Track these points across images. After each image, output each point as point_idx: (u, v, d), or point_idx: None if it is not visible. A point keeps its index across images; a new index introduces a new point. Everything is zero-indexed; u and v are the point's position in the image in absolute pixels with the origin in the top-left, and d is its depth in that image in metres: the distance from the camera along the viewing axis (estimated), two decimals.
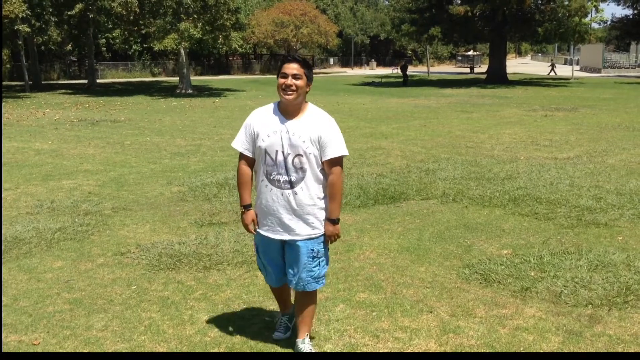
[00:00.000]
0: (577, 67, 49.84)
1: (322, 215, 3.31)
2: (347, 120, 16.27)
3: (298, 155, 3.19)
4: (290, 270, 3.37)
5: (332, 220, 3.30)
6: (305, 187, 3.22)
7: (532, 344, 3.60)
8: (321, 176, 3.27)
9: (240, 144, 3.35)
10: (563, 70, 51.04)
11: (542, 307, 4.11)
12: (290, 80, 3.15)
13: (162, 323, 3.96)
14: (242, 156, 3.38)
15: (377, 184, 7.93)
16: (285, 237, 3.30)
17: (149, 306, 4.23)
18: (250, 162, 3.37)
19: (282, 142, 3.18)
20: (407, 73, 37.61)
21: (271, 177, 3.24)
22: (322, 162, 3.24)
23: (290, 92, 3.16)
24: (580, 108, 19.19)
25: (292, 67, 3.18)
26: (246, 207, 3.39)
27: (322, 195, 3.29)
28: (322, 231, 3.32)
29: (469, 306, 4.14)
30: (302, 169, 3.20)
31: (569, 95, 25.42)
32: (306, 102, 3.28)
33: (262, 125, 3.25)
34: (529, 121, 15.74)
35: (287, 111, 3.23)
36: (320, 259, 3.36)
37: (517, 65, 64.50)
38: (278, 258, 3.42)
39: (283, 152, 3.19)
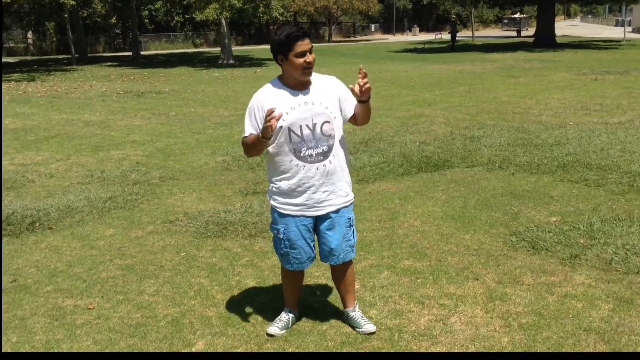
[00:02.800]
0: (629, 29, 47.77)
1: (350, 180, 3.32)
2: (389, 88, 16.08)
3: (325, 122, 3.13)
4: (332, 246, 3.30)
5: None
6: (336, 154, 3.20)
7: (581, 311, 3.55)
8: (344, 141, 3.27)
9: (254, 130, 3.12)
10: (614, 32, 49.06)
11: (592, 274, 4.03)
12: (310, 57, 3.03)
13: (211, 288, 4.06)
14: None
15: (421, 152, 7.85)
16: (321, 212, 3.23)
17: (198, 272, 4.34)
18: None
19: (305, 115, 3.10)
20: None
21: (301, 154, 3.13)
22: (349, 119, 3.25)
23: (311, 70, 3.08)
24: (632, 71, 18.46)
25: (307, 43, 3.03)
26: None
27: (347, 159, 3.30)
28: (352, 197, 3.34)
29: (516, 273, 4.09)
30: (330, 136, 3.16)
31: (621, 58, 24.45)
32: None
33: (275, 105, 3.06)
34: (579, 85, 15.25)
35: (297, 84, 3.12)
36: (353, 226, 3.39)
37: (566, 27, 62.14)
38: (310, 236, 3.31)
39: (308, 125, 3.10)
